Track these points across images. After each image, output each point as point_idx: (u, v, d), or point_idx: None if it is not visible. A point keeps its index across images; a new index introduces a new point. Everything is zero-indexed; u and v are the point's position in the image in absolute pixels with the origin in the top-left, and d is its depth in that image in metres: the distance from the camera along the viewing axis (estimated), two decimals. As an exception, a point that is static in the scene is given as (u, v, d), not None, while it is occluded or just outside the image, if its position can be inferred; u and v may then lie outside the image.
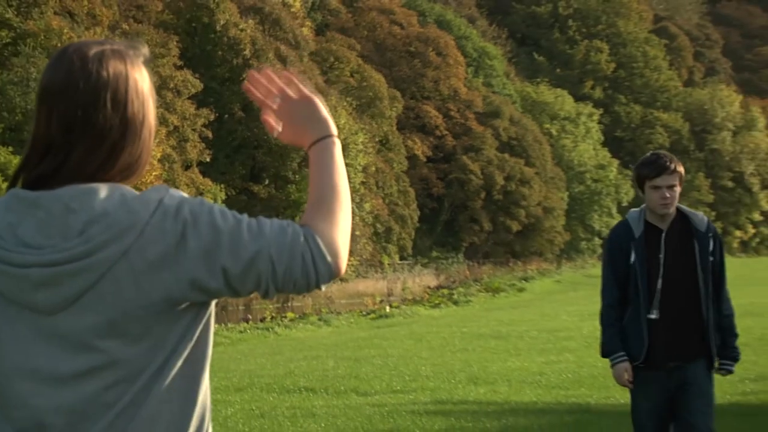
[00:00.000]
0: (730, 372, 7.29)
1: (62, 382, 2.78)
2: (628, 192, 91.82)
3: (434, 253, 69.38)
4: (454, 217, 75.13)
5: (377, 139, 64.73)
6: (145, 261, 2.76)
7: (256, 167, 56.38)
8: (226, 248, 2.78)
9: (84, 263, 2.75)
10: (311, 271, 2.82)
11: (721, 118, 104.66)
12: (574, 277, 63.92)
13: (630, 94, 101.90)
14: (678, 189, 7.04)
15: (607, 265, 7.25)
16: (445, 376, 18.09)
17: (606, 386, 16.37)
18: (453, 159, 74.80)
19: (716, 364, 7.22)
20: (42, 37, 46.65)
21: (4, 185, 38.24)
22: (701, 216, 7.23)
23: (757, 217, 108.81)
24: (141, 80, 2.96)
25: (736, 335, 7.24)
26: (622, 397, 15.40)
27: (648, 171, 7.01)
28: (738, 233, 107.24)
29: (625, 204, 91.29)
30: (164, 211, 2.78)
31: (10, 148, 41.67)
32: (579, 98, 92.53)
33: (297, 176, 55.86)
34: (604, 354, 7.26)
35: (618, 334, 7.14)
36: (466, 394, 16.03)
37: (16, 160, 39.60)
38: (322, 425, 13.12)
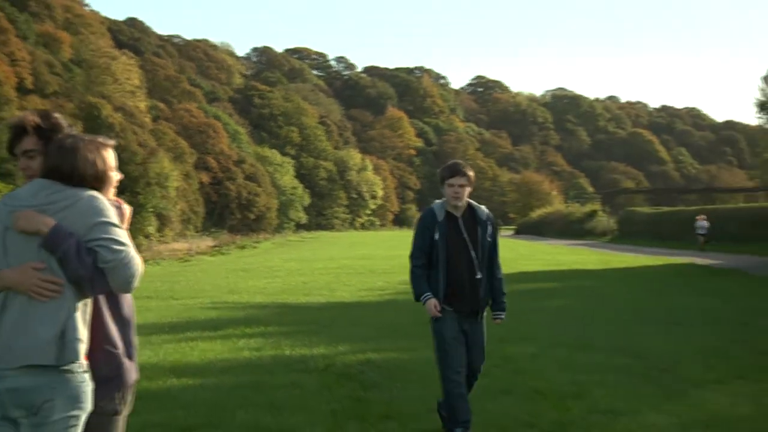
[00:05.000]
0: (502, 320, 5.44)
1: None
2: (306, 200, 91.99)
3: (213, 230, 68.38)
4: (223, 212, 74.32)
5: (183, 173, 63.10)
6: (75, 213, 2.72)
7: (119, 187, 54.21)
8: (96, 224, 2.72)
9: (44, 208, 2.72)
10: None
11: (352, 164, 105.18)
12: (282, 241, 63.69)
13: (308, 153, 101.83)
14: (467, 188, 5.27)
15: (418, 237, 5.31)
16: (217, 290, 17.01)
17: (295, 294, 15.72)
18: (222, 183, 74.17)
19: (486, 315, 5.43)
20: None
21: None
22: (484, 209, 5.40)
23: (368, 212, 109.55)
24: (107, 154, 2.89)
25: (504, 293, 5.42)
26: (305, 299, 14.73)
27: (445, 173, 5.29)
28: (359, 220, 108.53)
29: (306, 205, 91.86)
30: (93, 198, 2.76)
31: None
32: (284, 154, 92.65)
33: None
34: (417, 296, 5.28)
35: (424, 281, 5.24)
36: (227, 299, 14.97)
37: None
38: (155, 315, 12.11)
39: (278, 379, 7.24)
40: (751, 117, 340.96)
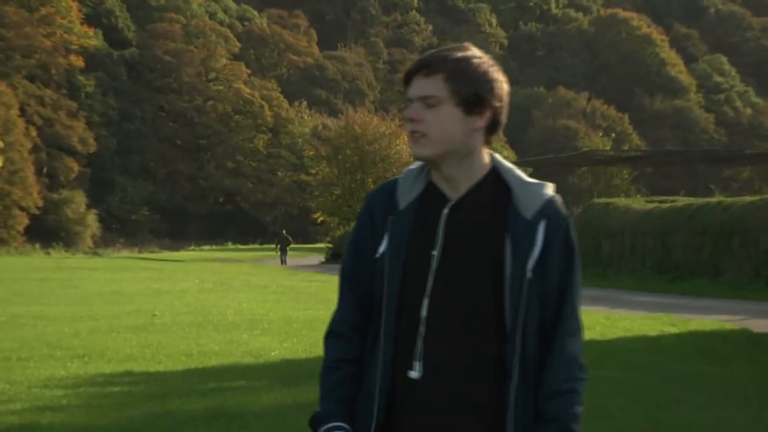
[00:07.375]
0: None
1: None
2: None
3: None
4: None
5: None
6: None
7: None
8: None
9: None
10: None
11: None
12: None
13: None
14: (448, 109, 4.27)
15: (348, 256, 4.61)
16: None
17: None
18: None
19: None
20: None
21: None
22: (537, 189, 4.40)
23: None
24: None
25: (577, 421, 4.33)
26: None
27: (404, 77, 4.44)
28: None
29: None
30: None
31: None
32: None
33: None
34: (314, 419, 4.43)
35: (340, 387, 4.43)
36: None
37: None
38: None
39: None
40: None
